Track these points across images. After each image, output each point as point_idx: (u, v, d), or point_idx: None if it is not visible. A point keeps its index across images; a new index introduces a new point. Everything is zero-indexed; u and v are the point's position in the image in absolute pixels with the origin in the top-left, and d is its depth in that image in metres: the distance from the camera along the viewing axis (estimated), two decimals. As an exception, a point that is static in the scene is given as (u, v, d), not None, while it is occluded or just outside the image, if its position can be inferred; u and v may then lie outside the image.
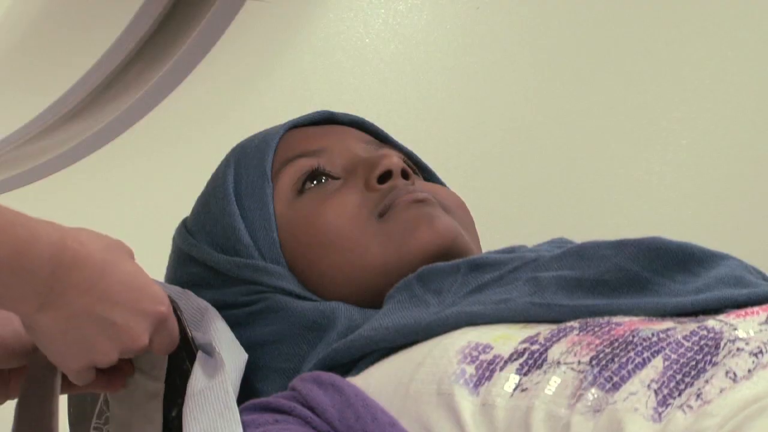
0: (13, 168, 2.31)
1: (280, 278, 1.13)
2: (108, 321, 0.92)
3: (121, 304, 0.93)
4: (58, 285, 0.90)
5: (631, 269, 1.02)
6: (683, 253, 1.04)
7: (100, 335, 0.93)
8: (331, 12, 2.31)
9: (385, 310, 1.05)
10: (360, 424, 0.94)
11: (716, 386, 0.84)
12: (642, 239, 1.05)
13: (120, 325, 0.93)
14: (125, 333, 0.94)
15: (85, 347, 0.93)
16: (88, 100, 2.29)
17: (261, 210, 1.15)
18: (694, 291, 1.00)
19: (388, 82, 2.26)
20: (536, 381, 0.90)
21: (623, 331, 0.92)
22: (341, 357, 1.04)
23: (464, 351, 0.95)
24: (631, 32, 2.18)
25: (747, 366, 0.85)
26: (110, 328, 0.93)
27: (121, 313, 0.93)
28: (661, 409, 0.84)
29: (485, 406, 0.91)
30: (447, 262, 1.08)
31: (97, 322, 0.92)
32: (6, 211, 0.86)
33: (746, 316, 0.92)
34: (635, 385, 0.86)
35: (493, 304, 1.01)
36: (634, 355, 0.89)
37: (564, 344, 0.92)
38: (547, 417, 0.88)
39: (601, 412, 0.86)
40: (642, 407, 0.85)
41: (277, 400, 1.00)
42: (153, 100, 2.23)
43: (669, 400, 0.85)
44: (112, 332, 0.93)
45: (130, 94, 2.26)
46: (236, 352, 1.07)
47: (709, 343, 0.88)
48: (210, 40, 2.24)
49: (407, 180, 1.15)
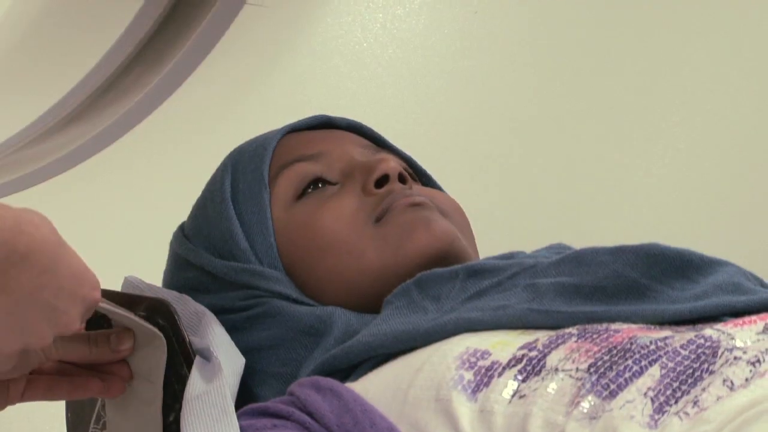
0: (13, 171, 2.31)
1: (277, 283, 1.13)
2: (51, 306, 0.91)
3: (66, 290, 0.91)
4: (12, 270, 0.88)
5: (630, 276, 1.02)
6: (681, 260, 1.04)
7: (40, 320, 0.91)
8: (329, 16, 2.32)
9: (383, 315, 1.05)
10: (358, 429, 0.94)
11: (713, 394, 0.84)
12: (640, 246, 1.05)
13: (61, 311, 0.92)
14: (64, 318, 0.92)
15: (22, 331, 0.92)
16: (87, 102, 2.30)
17: (258, 214, 1.15)
18: (692, 298, 1.00)
19: (386, 86, 2.26)
20: (534, 388, 0.90)
21: (621, 338, 0.92)
22: (339, 363, 1.04)
23: (462, 357, 0.95)
24: (630, 38, 2.18)
25: (744, 375, 0.84)
26: (52, 312, 0.91)
27: (64, 298, 0.91)
28: (657, 416, 0.84)
29: (483, 412, 0.91)
30: (445, 268, 1.08)
31: (41, 306, 0.91)
32: None
33: (744, 325, 0.92)
34: (632, 393, 0.86)
35: (491, 310, 1.01)
36: (632, 363, 0.88)
37: (562, 351, 0.92)
38: (544, 424, 0.87)
39: (597, 419, 0.85)
40: (638, 415, 0.84)
41: (276, 405, 1.00)
42: (152, 104, 2.23)
43: (665, 407, 0.85)
44: (53, 317, 0.92)
45: (129, 97, 2.26)
46: (234, 357, 1.07)
47: (707, 351, 0.88)
48: (209, 44, 2.25)
49: (404, 184, 1.15)
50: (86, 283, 0.93)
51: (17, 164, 2.32)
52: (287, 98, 2.22)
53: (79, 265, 0.93)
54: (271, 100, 2.23)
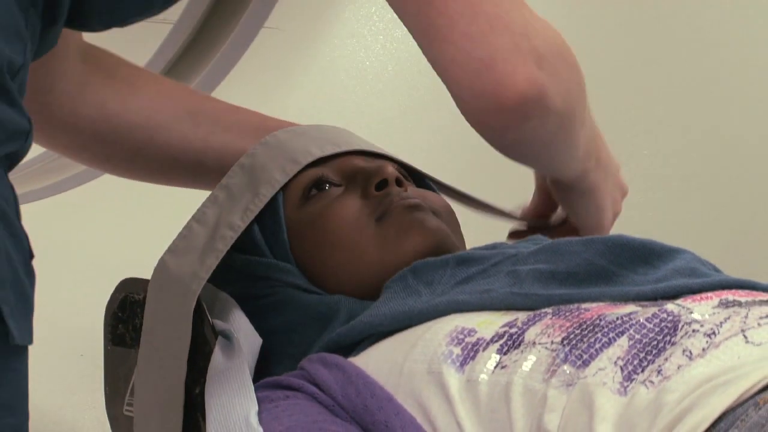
0: (60, 173, 2.32)
1: (289, 274, 1.13)
2: (614, 179, 1.18)
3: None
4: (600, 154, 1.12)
5: (599, 263, 1.02)
6: (644, 249, 1.04)
7: (613, 191, 1.18)
8: (335, 38, 2.32)
9: (382, 298, 1.05)
10: (360, 399, 0.94)
11: (674, 363, 0.84)
12: (608, 237, 1.06)
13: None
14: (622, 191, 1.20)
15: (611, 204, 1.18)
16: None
17: (273, 215, 1.15)
18: (654, 281, 1.00)
19: (386, 99, 2.26)
20: (515, 359, 0.90)
21: (591, 315, 0.92)
22: (344, 340, 1.04)
23: (452, 334, 0.95)
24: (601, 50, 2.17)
25: (701, 345, 0.85)
26: (616, 186, 1.19)
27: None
28: (626, 384, 0.84)
29: (470, 382, 0.91)
30: (437, 258, 1.08)
31: (611, 181, 1.16)
32: None
33: (701, 300, 0.92)
34: (603, 361, 0.86)
35: (477, 293, 1.01)
36: (601, 336, 0.89)
37: (539, 327, 0.92)
38: (524, 391, 0.88)
39: (573, 386, 0.85)
40: (610, 381, 0.84)
41: (288, 378, 1.00)
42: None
43: (633, 375, 0.85)
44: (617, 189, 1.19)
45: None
46: (252, 338, 1.07)
47: (669, 325, 0.88)
48: (230, 63, 2.25)
49: (401, 187, 1.16)
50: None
51: (63, 168, 2.33)
52: (299, 110, 2.22)
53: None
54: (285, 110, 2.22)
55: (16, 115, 0.80)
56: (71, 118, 1.15)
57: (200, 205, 1.14)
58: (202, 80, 2.24)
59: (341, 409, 0.95)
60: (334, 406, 0.96)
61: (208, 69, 2.25)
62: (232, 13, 2.22)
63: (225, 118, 1.22)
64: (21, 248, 0.80)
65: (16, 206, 0.81)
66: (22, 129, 0.80)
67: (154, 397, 1.04)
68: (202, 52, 2.28)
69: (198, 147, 1.20)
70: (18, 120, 0.80)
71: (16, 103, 0.80)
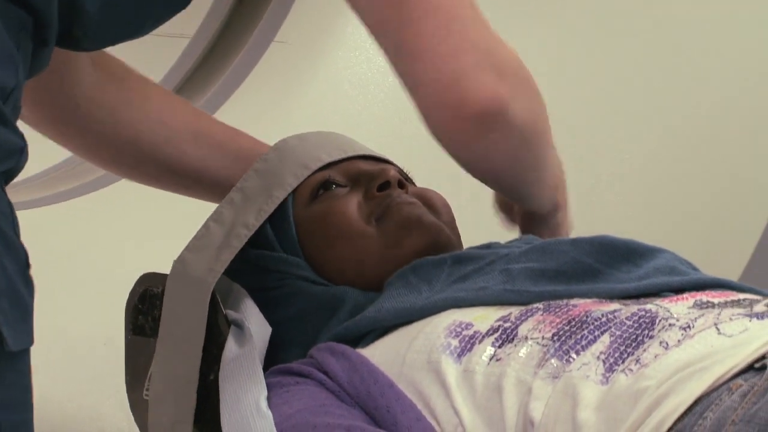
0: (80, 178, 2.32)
1: (297, 267, 1.13)
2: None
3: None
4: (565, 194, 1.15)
5: (585, 261, 1.03)
6: (628, 248, 1.04)
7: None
8: (340, 50, 2.31)
9: (385, 295, 1.05)
10: (364, 386, 0.94)
11: (652, 353, 0.84)
12: (594, 237, 1.06)
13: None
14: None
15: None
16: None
17: (283, 214, 1.15)
18: (636, 278, 1.00)
19: (387, 108, 2.26)
20: (508, 352, 0.90)
21: (578, 311, 0.92)
22: (350, 333, 1.04)
23: (450, 328, 0.95)
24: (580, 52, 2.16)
25: (677, 337, 0.85)
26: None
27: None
28: (608, 375, 0.84)
29: (466, 372, 0.91)
30: (435, 257, 1.08)
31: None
32: None
33: (678, 301, 0.92)
34: (587, 357, 0.86)
35: (473, 290, 1.01)
36: (587, 333, 0.89)
37: (531, 323, 0.92)
38: (516, 382, 0.88)
39: (558, 378, 0.86)
40: (593, 374, 0.85)
41: (298, 365, 1.00)
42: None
43: (615, 366, 0.85)
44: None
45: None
46: (262, 327, 1.07)
47: (647, 321, 0.88)
48: (243, 73, 2.25)
49: (402, 189, 1.16)
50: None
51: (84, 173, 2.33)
52: (306, 118, 2.22)
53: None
54: (293, 118, 2.22)
55: (11, 135, 0.79)
56: (85, 121, 1.16)
57: (217, 206, 1.14)
58: (217, 90, 2.24)
59: (347, 395, 0.95)
60: (340, 392, 0.95)
61: (222, 79, 2.26)
62: (245, 29, 2.23)
63: (225, 144, 1.22)
64: (17, 259, 0.78)
65: (13, 220, 0.79)
66: (16, 147, 0.80)
67: (171, 383, 1.04)
68: (217, 64, 2.29)
69: (196, 166, 1.21)
70: (13, 139, 0.79)
71: (9, 123, 0.79)
